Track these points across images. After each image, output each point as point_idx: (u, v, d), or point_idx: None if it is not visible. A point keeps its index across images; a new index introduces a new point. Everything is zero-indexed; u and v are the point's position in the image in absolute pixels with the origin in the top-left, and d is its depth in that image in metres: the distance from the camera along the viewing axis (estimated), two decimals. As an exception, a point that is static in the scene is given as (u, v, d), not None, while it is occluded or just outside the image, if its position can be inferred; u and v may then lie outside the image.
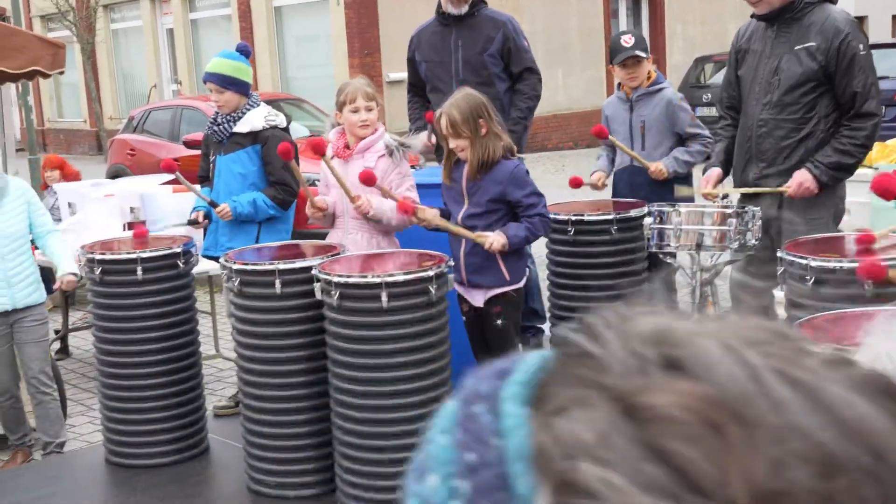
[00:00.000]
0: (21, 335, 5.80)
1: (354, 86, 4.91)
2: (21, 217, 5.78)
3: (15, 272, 5.73)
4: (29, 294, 5.79)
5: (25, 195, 5.85)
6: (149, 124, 13.61)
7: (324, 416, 4.41)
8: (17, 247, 5.76)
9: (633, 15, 22.72)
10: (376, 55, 18.33)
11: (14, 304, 5.73)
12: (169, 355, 4.94)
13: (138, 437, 4.95)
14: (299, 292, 4.38)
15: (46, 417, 5.97)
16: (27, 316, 5.78)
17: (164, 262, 4.90)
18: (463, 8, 5.92)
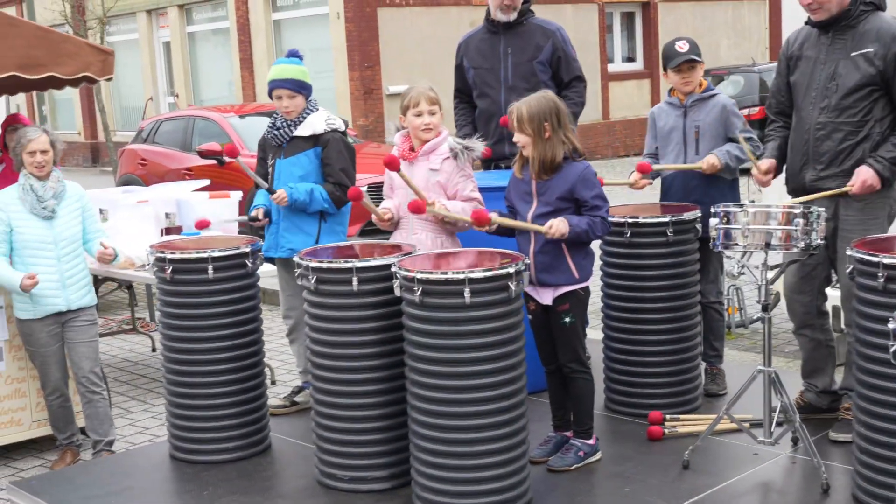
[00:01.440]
0: (72, 335, 5.88)
1: (418, 90, 5.02)
2: (76, 221, 5.87)
3: (70, 274, 5.82)
4: (82, 296, 5.89)
5: (81, 200, 5.95)
6: (160, 135, 13.69)
7: (399, 411, 4.50)
8: (73, 250, 5.85)
9: (628, 29, 22.97)
10: (376, 68, 18.44)
11: (68, 305, 5.82)
12: (235, 353, 5.03)
13: (204, 433, 5.03)
14: (375, 290, 4.47)
15: (96, 416, 6.05)
16: (79, 316, 5.87)
17: (233, 261, 4.99)
18: (512, 15, 6.06)
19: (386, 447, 4.56)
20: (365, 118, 18.22)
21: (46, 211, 5.76)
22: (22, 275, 5.61)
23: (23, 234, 5.73)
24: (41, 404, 6.25)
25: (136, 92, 23.89)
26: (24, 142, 5.79)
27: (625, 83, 22.40)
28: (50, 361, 5.89)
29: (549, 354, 4.80)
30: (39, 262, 5.75)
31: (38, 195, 5.75)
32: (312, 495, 4.60)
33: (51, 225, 5.79)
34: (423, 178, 4.96)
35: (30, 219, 5.75)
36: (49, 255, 5.77)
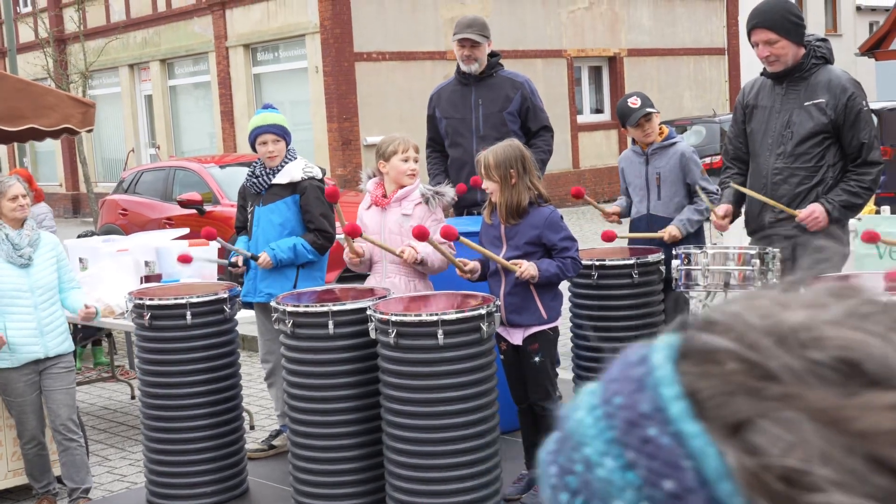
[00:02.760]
0: (49, 382, 5.94)
1: (404, 137, 5.20)
2: (52, 269, 5.97)
3: (48, 322, 5.90)
4: (59, 343, 5.96)
5: (55, 249, 6.04)
6: (140, 185, 13.80)
7: (375, 452, 4.60)
8: (49, 297, 5.94)
9: (595, 82, 23.35)
10: (354, 119, 18.65)
11: (46, 352, 5.89)
12: (213, 398, 5.11)
13: (181, 478, 5.10)
14: (351, 332, 4.58)
15: (73, 464, 6.09)
16: (56, 363, 5.94)
17: (211, 307, 5.09)
18: (474, 66, 6.24)
19: (363, 487, 4.65)
20: (343, 168, 18.40)
21: (23, 259, 5.85)
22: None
23: (0, 282, 5.81)
24: (17, 453, 6.30)
25: (118, 144, 24.02)
26: (2, 189, 5.89)
27: (593, 133, 22.78)
28: (27, 410, 5.95)
29: (521, 393, 4.91)
30: (17, 311, 5.82)
31: (13, 243, 5.84)
32: (289, 537, 4.68)
33: (27, 273, 5.87)
34: (396, 223, 5.10)
35: (6, 267, 5.84)
36: (26, 304, 5.85)
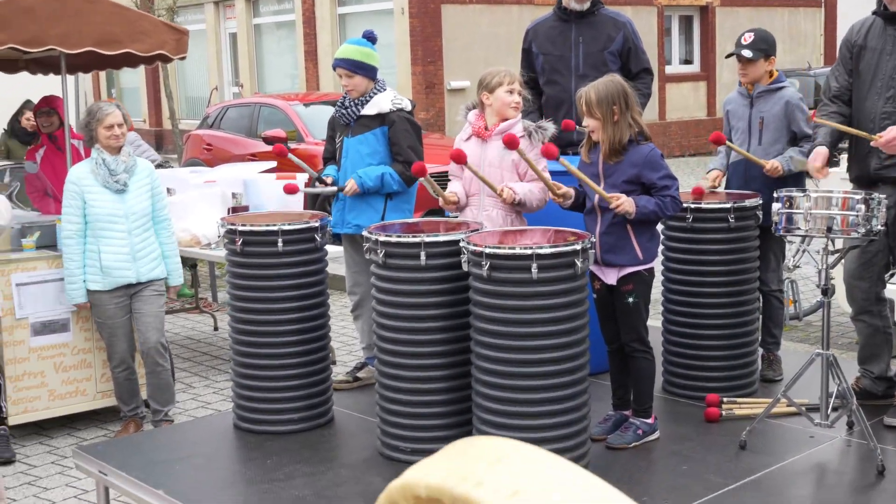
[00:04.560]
0: (140, 305, 6.02)
1: (509, 70, 5.13)
2: (146, 196, 6.02)
3: (140, 247, 5.96)
4: (151, 269, 6.03)
5: (151, 176, 6.09)
6: (225, 121, 13.88)
7: (463, 385, 4.57)
8: (143, 223, 5.99)
9: (686, 32, 22.89)
10: (439, 63, 18.53)
11: (138, 277, 5.96)
12: (302, 325, 5.11)
13: (268, 403, 5.11)
14: (443, 265, 4.54)
15: (159, 387, 6.19)
16: (147, 287, 6.02)
17: (302, 235, 5.08)
18: (585, 4, 6.13)
19: (449, 420, 4.63)
20: (426, 112, 18.32)
21: (118, 185, 5.90)
22: (82, 298, 5.92)
23: (95, 207, 5.87)
24: (106, 375, 6.40)
25: (201, 82, 24.18)
26: (100, 116, 5.93)
27: (681, 85, 22.35)
28: (118, 333, 6.03)
29: (612, 333, 4.85)
30: (111, 236, 5.89)
31: (110, 169, 5.90)
32: (375, 466, 4.68)
33: (122, 199, 5.93)
34: (497, 156, 5.03)
35: (102, 192, 5.90)
36: (120, 229, 5.91)
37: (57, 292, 6.28)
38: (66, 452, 6.01)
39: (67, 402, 6.43)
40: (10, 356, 6.18)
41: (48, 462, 6.01)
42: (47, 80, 8.38)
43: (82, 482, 5.63)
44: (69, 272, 5.92)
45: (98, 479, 4.85)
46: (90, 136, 5.98)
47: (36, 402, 6.30)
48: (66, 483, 5.69)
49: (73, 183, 5.90)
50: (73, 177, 5.92)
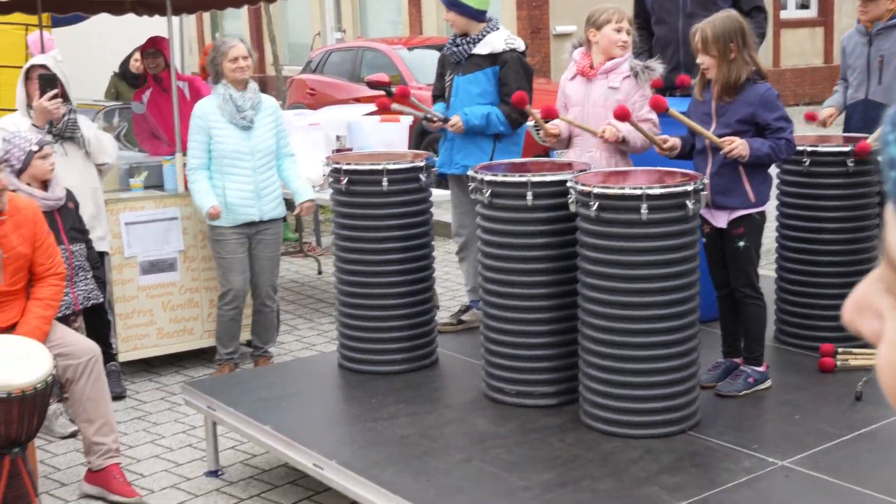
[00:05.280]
0: (259, 247, 6.06)
1: (619, 7, 5.00)
2: (271, 133, 6.02)
3: (264, 185, 5.98)
4: (273, 208, 6.05)
5: (276, 113, 6.08)
6: (328, 65, 13.89)
7: (569, 328, 4.50)
8: (267, 161, 6.00)
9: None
10: (544, 7, 18.25)
11: (261, 215, 5.99)
12: (407, 266, 5.08)
13: (373, 343, 5.11)
14: (550, 205, 4.46)
15: (264, 325, 6.25)
16: (268, 229, 6.05)
17: (407, 174, 5.03)
18: None
19: (554, 363, 4.57)
20: (531, 58, 18.06)
21: (245, 121, 5.91)
22: (212, 203, 5.84)
23: (221, 143, 5.89)
24: (212, 315, 6.47)
25: (303, 28, 24.23)
26: (224, 49, 5.93)
27: (797, 31, 21.64)
28: (235, 269, 6.06)
29: (722, 278, 4.72)
30: (236, 172, 5.92)
31: (237, 105, 5.90)
32: (479, 408, 4.64)
33: (248, 135, 5.94)
34: (602, 96, 4.91)
35: (228, 128, 5.91)
36: (245, 166, 5.93)
37: (164, 232, 6.36)
38: (175, 389, 6.11)
39: (175, 341, 6.52)
40: (120, 294, 6.28)
41: (157, 398, 6.12)
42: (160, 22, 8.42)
43: (190, 418, 5.71)
44: (195, 191, 5.94)
45: (206, 414, 4.91)
46: (216, 71, 5.97)
47: (145, 340, 6.40)
48: (175, 419, 5.78)
49: (199, 118, 5.91)
50: (200, 111, 5.93)
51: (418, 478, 3.91)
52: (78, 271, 5.49)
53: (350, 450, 4.25)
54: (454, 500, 3.72)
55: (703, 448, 4.07)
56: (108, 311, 6.10)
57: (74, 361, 4.69)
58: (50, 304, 4.76)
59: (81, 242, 5.57)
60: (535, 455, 4.08)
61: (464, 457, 4.10)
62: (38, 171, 5.32)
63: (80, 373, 4.70)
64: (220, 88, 5.92)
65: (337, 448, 4.26)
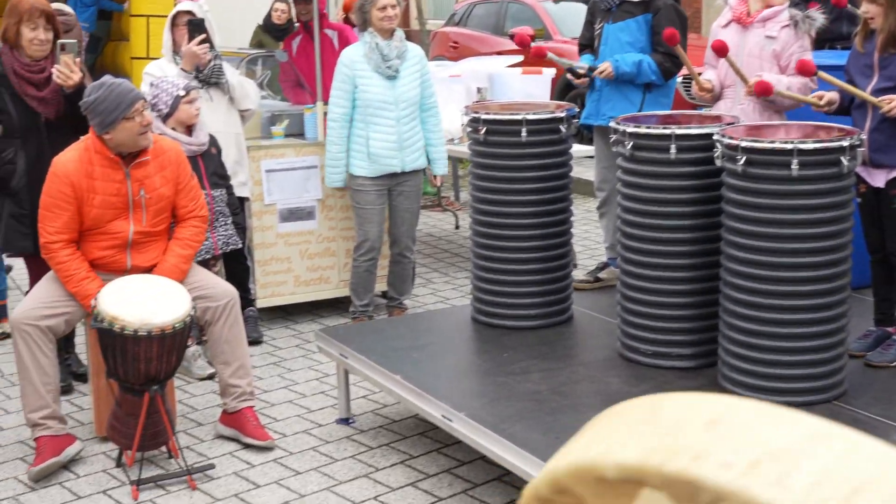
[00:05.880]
0: (401, 201, 6.04)
1: None
2: (416, 84, 5.97)
3: (407, 136, 5.94)
4: (415, 160, 6.02)
5: (421, 63, 6.02)
6: (472, 18, 13.78)
7: (710, 288, 4.34)
8: (411, 112, 5.96)
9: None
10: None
11: (403, 166, 5.96)
12: (544, 219, 4.97)
13: (507, 298, 5.02)
14: (694, 159, 4.29)
15: (400, 277, 6.24)
16: (409, 180, 6.02)
17: (547, 125, 4.91)
18: None
19: (693, 324, 4.41)
20: (683, 11, 17.67)
21: (390, 70, 5.87)
22: (340, 182, 5.96)
23: (366, 93, 5.87)
24: (348, 265, 6.47)
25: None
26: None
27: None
28: (374, 220, 6.05)
29: (877, 242, 4.48)
30: (380, 122, 5.89)
31: (383, 54, 5.85)
32: (613, 367, 4.53)
33: (393, 85, 5.90)
34: (757, 45, 4.70)
35: (373, 78, 5.88)
36: (389, 116, 5.90)
37: (303, 180, 6.38)
38: (310, 337, 6.15)
39: (311, 289, 6.56)
40: (259, 241, 6.33)
41: (293, 345, 6.17)
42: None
43: (324, 366, 5.74)
44: (331, 155, 5.96)
45: (338, 361, 4.92)
46: (363, 19, 5.92)
47: (282, 287, 6.46)
48: (309, 366, 5.82)
49: (344, 66, 5.90)
50: (346, 59, 5.91)
51: (548, 434, 3.82)
52: (218, 216, 5.55)
53: (479, 403, 4.19)
54: (584, 459, 3.62)
55: (849, 419, 3.87)
56: (247, 258, 6.16)
57: (213, 304, 4.74)
58: (190, 245, 4.82)
59: (222, 188, 5.62)
60: (671, 417, 3.93)
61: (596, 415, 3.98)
62: (183, 116, 5.37)
63: (218, 315, 4.74)
64: (366, 37, 5.87)
65: (466, 401, 4.21)
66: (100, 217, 4.61)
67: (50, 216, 4.57)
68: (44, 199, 4.59)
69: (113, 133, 4.54)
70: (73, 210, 4.55)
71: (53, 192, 4.56)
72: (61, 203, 4.54)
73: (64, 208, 4.54)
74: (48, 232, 4.58)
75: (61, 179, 4.54)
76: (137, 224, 4.69)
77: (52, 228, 4.57)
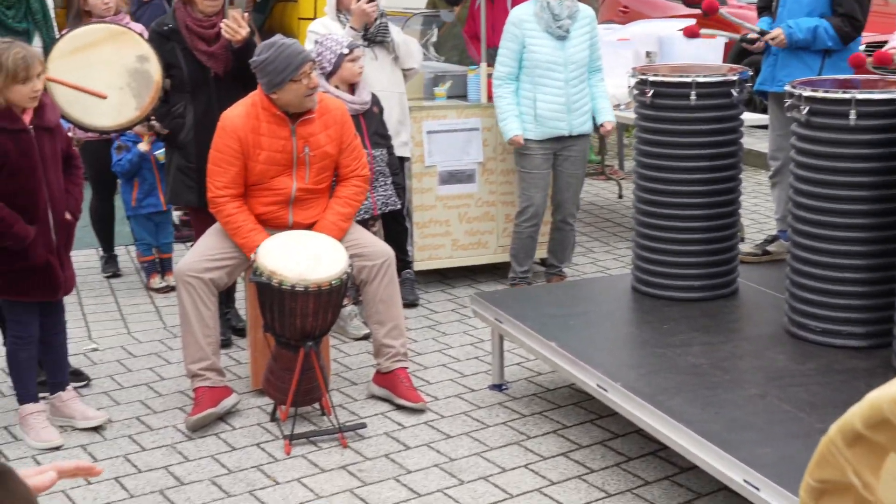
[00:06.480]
0: (566, 166, 5.93)
1: None
2: (585, 45, 5.83)
3: (575, 99, 5.82)
4: (583, 123, 5.89)
5: (591, 24, 5.88)
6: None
7: (888, 264, 4.09)
8: (580, 74, 5.83)
9: None
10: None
11: (570, 129, 5.84)
12: (712, 187, 4.77)
13: (669, 268, 4.85)
14: (876, 126, 4.04)
15: (561, 243, 6.14)
16: (575, 144, 5.89)
17: (718, 88, 4.70)
18: None
19: (868, 301, 4.16)
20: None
21: (561, 30, 5.74)
22: (517, 130, 5.77)
23: (534, 53, 5.76)
24: (507, 230, 6.38)
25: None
26: None
27: None
28: (538, 185, 5.95)
29: None
30: (548, 84, 5.78)
31: (554, 13, 5.73)
32: (778, 343, 4.32)
33: (562, 45, 5.77)
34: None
35: (543, 37, 5.76)
36: (558, 77, 5.78)
37: (464, 143, 6.31)
38: (466, 302, 6.10)
39: (469, 254, 6.51)
40: (418, 203, 6.30)
41: (448, 309, 6.13)
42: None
43: (479, 331, 5.68)
44: (501, 111, 5.85)
45: (493, 326, 4.85)
46: None
47: (440, 251, 6.42)
48: (464, 331, 5.77)
49: (513, 24, 5.80)
50: (515, 18, 5.81)
51: (706, 409, 3.67)
52: (378, 176, 5.53)
53: (637, 374, 4.05)
54: (742, 436, 3.45)
55: None
56: (406, 219, 6.13)
57: (369, 263, 4.72)
58: (350, 203, 4.81)
59: (383, 147, 5.60)
60: (838, 398, 3.73)
61: (758, 392, 3.81)
62: (347, 74, 5.36)
63: (374, 275, 4.73)
64: None
65: (623, 371, 4.08)
66: (264, 173, 4.65)
67: (218, 171, 4.63)
68: (212, 154, 4.65)
69: (280, 93, 4.56)
70: (240, 165, 4.60)
71: (221, 147, 4.62)
72: (229, 157, 4.59)
73: (231, 163, 4.59)
74: (216, 186, 4.64)
75: (229, 134, 4.59)
76: (300, 181, 4.71)
77: (220, 183, 4.63)
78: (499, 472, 4.20)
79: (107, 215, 6.64)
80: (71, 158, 4.55)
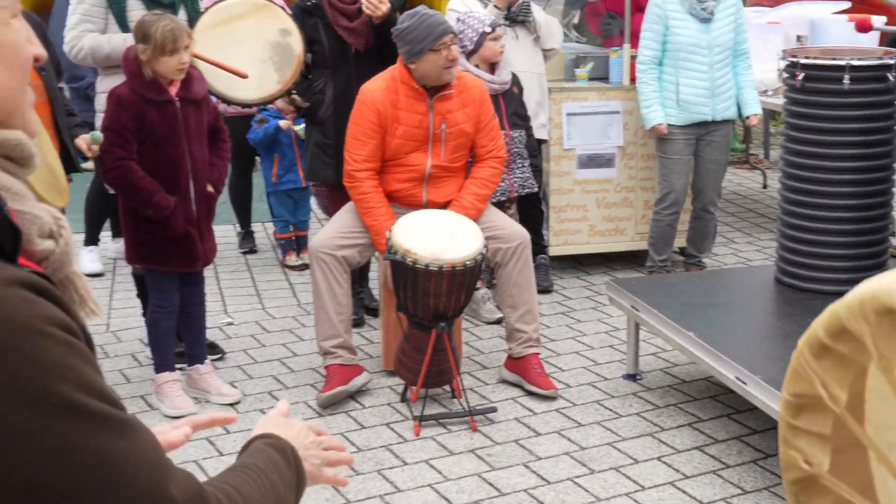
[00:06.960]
0: (709, 152, 5.78)
1: None
2: (730, 28, 5.68)
3: (720, 83, 5.67)
4: (727, 108, 5.73)
5: (737, 5, 5.71)
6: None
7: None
8: (724, 58, 5.68)
9: None
10: None
11: (714, 114, 5.69)
12: (863, 176, 4.55)
13: (816, 259, 4.65)
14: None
15: (701, 232, 5.98)
16: (718, 130, 5.74)
17: (873, 72, 4.47)
18: None
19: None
20: None
21: (705, 13, 5.59)
22: (659, 119, 5.64)
23: (678, 35, 5.61)
24: (646, 217, 6.23)
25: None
26: None
27: None
28: (680, 171, 5.80)
29: None
30: (691, 67, 5.63)
31: None
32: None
33: (707, 28, 5.62)
34: None
35: (687, 20, 5.62)
36: (702, 61, 5.63)
37: (605, 126, 6.19)
38: (601, 289, 5.98)
39: (606, 240, 6.38)
40: (556, 187, 6.20)
41: (583, 296, 6.02)
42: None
43: (614, 319, 5.57)
44: (644, 97, 5.71)
45: (629, 313, 4.73)
46: None
47: (576, 236, 6.31)
48: (598, 318, 5.67)
49: (656, 6, 5.66)
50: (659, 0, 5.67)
51: (854, 407, 3.49)
52: (516, 158, 5.46)
53: (778, 367, 3.88)
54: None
55: None
56: (542, 203, 6.04)
57: (504, 245, 4.66)
58: (486, 184, 4.75)
59: (522, 129, 5.52)
60: None
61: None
62: (487, 53, 5.30)
63: (509, 257, 4.66)
64: None
65: (764, 363, 3.92)
66: (400, 148, 4.62)
67: (356, 144, 4.62)
68: (351, 127, 4.65)
69: (418, 63, 4.53)
70: (378, 139, 4.58)
71: (360, 120, 4.60)
72: (367, 130, 4.58)
73: (370, 136, 4.58)
74: (354, 160, 4.63)
75: (368, 107, 4.58)
76: (436, 158, 4.67)
77: (359, 156, 4.62)
78: (631, 463, 4.10)
79: (245, 191, 6.72)
80: (218, 132, 4.60)
